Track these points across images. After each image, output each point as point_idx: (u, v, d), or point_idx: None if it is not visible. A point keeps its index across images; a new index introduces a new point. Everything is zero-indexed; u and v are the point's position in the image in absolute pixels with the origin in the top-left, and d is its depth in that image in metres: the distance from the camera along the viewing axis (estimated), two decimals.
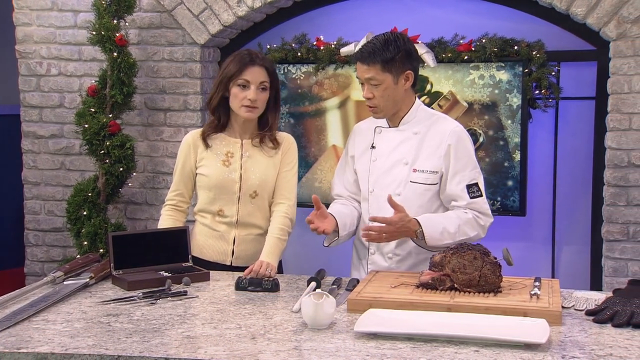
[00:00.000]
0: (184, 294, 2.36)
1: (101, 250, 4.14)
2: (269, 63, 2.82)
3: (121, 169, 4.26)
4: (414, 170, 2.66)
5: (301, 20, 4.61)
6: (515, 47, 4.13)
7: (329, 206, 2.80)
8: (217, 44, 4.62)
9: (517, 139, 4.18)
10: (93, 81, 4.39)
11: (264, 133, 2.84)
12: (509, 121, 4.19)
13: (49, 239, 4.77)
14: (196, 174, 2.86)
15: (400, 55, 2.58)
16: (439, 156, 2.64)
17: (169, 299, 2.31)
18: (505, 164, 4.23)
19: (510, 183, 4.23)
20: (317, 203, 2.57)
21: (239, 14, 4.38)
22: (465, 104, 4.26)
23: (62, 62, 4.66)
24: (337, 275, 2.56)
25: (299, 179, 3.46)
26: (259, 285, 2.41)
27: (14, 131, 4.87)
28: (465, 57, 4.19)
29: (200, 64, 4.50)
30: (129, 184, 4.51)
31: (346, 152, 2.87)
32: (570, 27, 4.19)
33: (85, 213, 4.29)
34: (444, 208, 2.70)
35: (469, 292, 2.22)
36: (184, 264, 2.66)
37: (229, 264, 2.83)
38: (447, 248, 2.33)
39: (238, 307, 2.22)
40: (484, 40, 4.17)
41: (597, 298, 2.25)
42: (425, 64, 3.99)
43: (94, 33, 4.23)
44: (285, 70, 4.51)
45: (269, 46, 4.51)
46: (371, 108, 2.67)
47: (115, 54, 4.21)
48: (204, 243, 2.85)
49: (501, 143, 4.22)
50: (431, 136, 2.67)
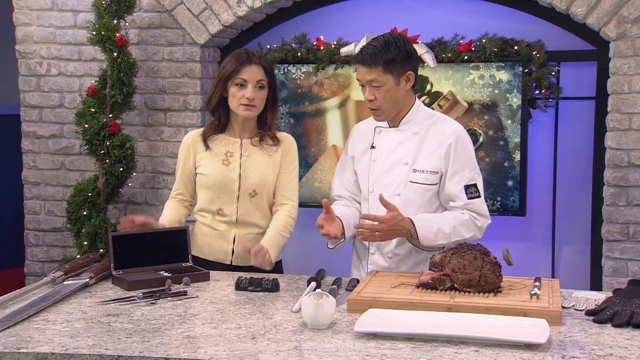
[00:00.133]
0: (184, 294, 2.36)
1: (101, 250, 4.14)
2: (266, 61, 2.82)
3: (121, 169, 4.26)
4: (414, 170, 2.66)
5: (301, 20, 4.61)
6: (515, 47, 4.13)
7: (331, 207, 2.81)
8: (217, 44, 4.62)
9: (517, 139, 4.18)
10: (93, 81, 4.39)
11: (264, 132, 2.84)
12: (509, 121, 4.19)
13: (49, 239, 4.77)
14: (196, 173, 2.86)
15: (401, 57, 2.58)
16: (439, 156, 2.64)
17: (169, 299, 2.31)
18: (505, 164, 4.23)
19: (510, 183, 4.23)
20: (327, 207, 2.57)
21: (239, 14, 4.38)
22: (465, 104, 4.26)
23: (62, 62, 4.66)
24: (337, 275, 2.56)
25: (299, 179, 3.46)
26: (259, 285, 2.41)
27: (14, 131, 4.87)
28: (465, 57, 4.19)
29: (200, 64, 4.50)
30: (129, 184, 4.51)
31: (346, 153, 2.87)
32: (570, 27, 4.19)
33: (85, 213, 4.29)
34: (444, 208, 2.70)
35: (469, 292, 2.22)
36: (184, 264, 2.66)
37: (229, 263, 2.83)
38: (447, 248, 2.33)
39: (238, 307, 2.22)
40: (484, 40, 4.17)
41: (597, 298, 2.25)
42: (425, 64, 4.00)
43: (94, 33, 4.23)
44: (285, 70, 4.51)
45: (269, 46, 4.51)
46: (373, 110, 2.66)
47: (115, 54, 4.21)
48: (204, 242, 2.85)
49: (501, 143, 4.22)
50: (431, 136, 2.67)
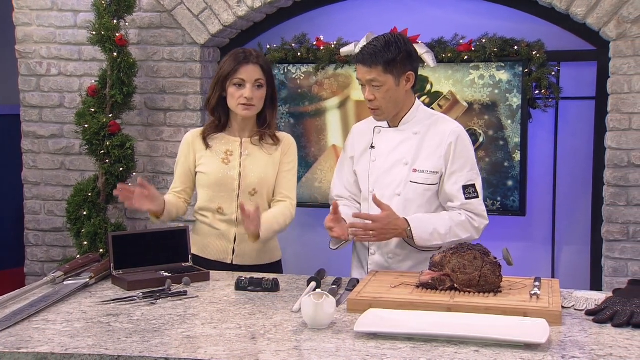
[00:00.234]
0: (184, 294, 2.36)
1: (101, 250, 4.14)
2: (264, 61, 2.82)
3: (121, 169, 4.26)
4: (414, 170, 2.66)
5: (301, 20, 4.61)
6: (515, 47, 4.13)
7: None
8: (217, 44, 4.62)
9: (517, 139, 4.18)
10: (93, 81, 4.39)
11: (263, 131, 2.85)
12: (509, 121, 4.19)
13: (49, 239, 4.77)
14: (196, 172, 2.87)
15: (401, 57, 2.58)
16: (439, 156, 2.64)
17: (169, 299, 2.31)
18: (505, 164, 4.23)
19: (510, 183, 4.23)
20: (336, 209, 2.56)
21: (239, 14, 4.38)
22: (465, 104, 4.26)
23: (62, 62, 4.66)
24: (337, 275, 2.56)
25: (299, 179, 3.46)
26: (259, 285, 2.41)
27: (14, 131, 4.87)
28: (465, 57, 4.19)
29: (200, 64, 4.50)
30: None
31: (345, 153, 2.87)
32: (570, 27, 4.19)
33: (85, 213, 4.29)
34: (444, 208, 2.70)
35: (469, 292, 2.22)
36: (184, 264, 2.66)
37: (229, 262, 2.84)
38: (447, 248, 2.33)
39: (238, 307, 2.22)
40: (484, 40, 4.17)
41: (597, 298, 2.25)
42: (425, 64, 4.00)
43: (94, 33, 4.23)
44: (285, 70, 4.51)
45: (269, 46, 4.51)
46: (373, 110, 2.66)
47: (115, 54, 4.21)
48: (204, 241, 2.86)
49: (501, 143, 4.22)
50: (431, 136, 2.67)
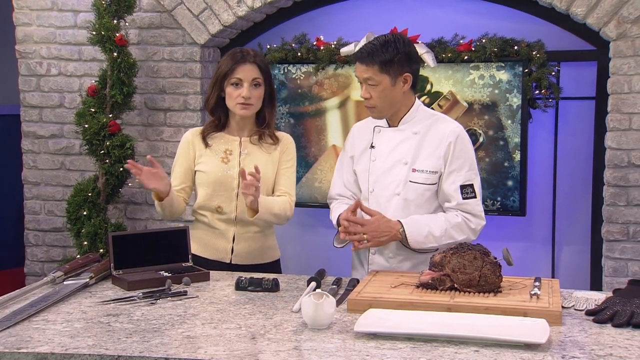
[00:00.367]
0: (184, 294, 2.36)
1: (101, 250, 4.14)
2: (261, 60, 2.83)
3: (121, 169, 4.26)
4: (414, 170, 2.66)
5: (301, 20, 4.61)
6: (515, 47, 4.13)
7: (332, 206, 2.81)
8: (217, 44, 4.62)
9: (517, 139, 4.18)
10: (93, 81, 4.39)
11: (262, 130, 2.85)
12: (509, 121, 4.19)
13: (49, 239, 4.77)
14: (195, 171, 2.87)
15: (399, 58, 2.58)
16: (438, 156, 2.64)
17: (169, 299, 2.31)
18: (505, 164, 4.23)
19: (510, 183, 4.23)
20: (356, 207, 2.60)
21: (239, 14, 4.38)
22: (465, 104, 4.26)
23: (62, 62, 4.66)
24: (337, 275, 2.56)
25: (299, 179, 3.46)
26: (259, 285, 2.41)
27: (14, 131, 4.87)
28: (465, 57, 4.19)
29: (200, 64, 4.50)
30: (129, 184, 4.51)
31: (345, 152, 2.87)
32: (570, 27, 4.19)
33: (85, 213, 4.29)
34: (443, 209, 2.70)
35: (469, 292, 2.22)
36: (184, 264, 2.65)
37: (228, 261, 2.84)
38: (448, 248, 2.33)
39: (238, 307, 2.22)
40: (484, 40, 4.17)
41: (597, 298, 2.25)
42: (425, 64, 4.00)
43: (94, 33, 4.23)
44: (285, 70, 4.51)
45: (269, 46, 4.51)
46: (369, 108, 2.68)
47: (115, 54, 4.21)
48: (203, 241, 2.86)
49: (501, 143, 4.22)
50: (431, 136, 2.67)
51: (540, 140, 4.37)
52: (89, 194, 4.30)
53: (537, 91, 4.16)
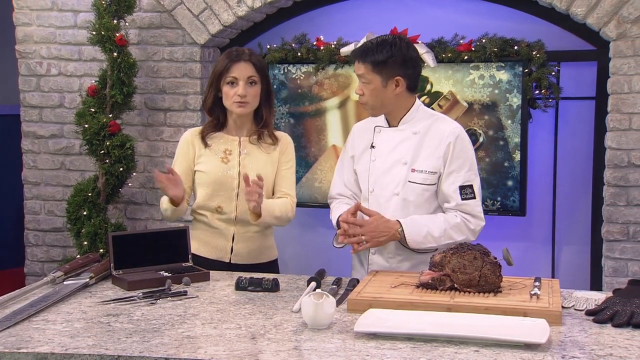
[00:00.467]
0: (184, 294, 2.36)
1: (101, 250, 4.14)
2: (256, 58, 2.84)
3: (121, 169, 4.26)
4: (413, 170, 2.66)
5: (301, 20, 4.61)
6: (515, 47, 4.13)
7: (333, 206, 2.81)
8: (217, 44, 4.62)
9: (517, 139, 4.18)
10: (93, 81, 4.39)
11: (261, 130, 2.86)
12: (509, 121, 4.19)
13: (49, 239, 4.77)
14: (194, 171, 2.87)
15: (392, 60, 2.59)
16: (438, 157, 2.64)
17: (169, 299, 2.31)
18: (505, 164, 4.23)
19: (510, 183, 4.23)
20: (356, 210, 2.61)
21: (239, 14, 4.38)
22: (465, 104, 4.26)
23: (62, 62, 4.66)
24: (337, 275, 2.56)
25: (299, 179, 3.46)
26: (259, 285, 2.41)
27: (14, 131, 4.87)
28: (465, 57, 4.19)
29: (200, 64, 4.50)
30: (129, 184, 4.51)
31: (345, 152, 2.87)
32: (570, 27, 4.19)
33: (85, 213, 4.29)
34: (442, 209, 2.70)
35: (469, 292, 2.22)
36: (184, 264, 2.65)
37: (227, 261, 2.84)
38: (448, 248, 2.33)
39: (238, 307, 2.22)
40: (484, 40, 4.17)
41: (597, 298, 2.24)
42: (425, 64, 3.99)
43: (94, 33, 4.23)
44: (285, 70, 4.51)
45: (269, 46, 4.51)
46: (362, 104, 2.71)
47: (115, 54, 4.22)
48: (203, 240, 2.86)
49: (501, 143, 4.22)
50: (431, 136, 2.67)
51: (540, 140, 4.37)
52: (89, 194, 4.30)
53: (537, 91, 4.16)
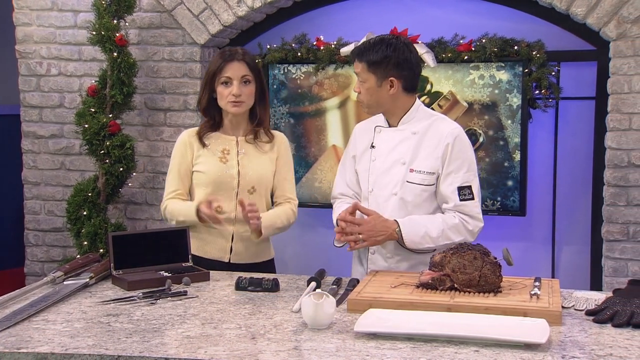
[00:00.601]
0: (184, 294, 2.36)
1: (101, 250, 4.14)
2: (250, 57, 2.85)
3: (121, 169, 4.26)
4: (411, 170, 2.66)
5: (301, 20, 4.61)
6: (515, 47, 4.13)
7: (335, 205, 2.82)
8: (217, 44, 4.62)
9: (517, 139, 4.18)
10: (93, 81, 4.39)
11: (257, 129, 2.87)
12: (509, 121, 4.19)
13: (49, 239, 4.77)
14: (193, 172, 2.87)
15: (387, 61, 2.59)
16: (437, 157, 2.64)
17: (169, 299, 2.31)
18: (505, 164, 4.23)
19: (510, 183, 4.23)
20: (354, 209, 2.62)
21: (239, 14, 4.38)
22: (465, 104, 4.26)
23: (62, 62, 4.66)
24: (337, 275, 2.56)
25: (299, 179, 3.46)
26: (259, 285, 2.41)
27: (14, 131, 4.87)
28: (465, 57, 4.19)
29: (200, 64, 4.50)
30: (129, 184, 4.51)
31: (347, 152, 2.88)
32: (570, 27, 4.19)
33: (85, 213, 4.29)
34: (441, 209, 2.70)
35: (469, 292, 2.22)
36: (184, 264, 2.66)
37: (227, 261, 2.85)
38: (448, 248, 2.33)
39: (238, 307, 2.22)
40: (484, 40, 4.17)
41: (597, 298, 2.25)
42: (425, 64, 4.00)
43: (94, 33, 4.23)
44: (285, 70, 4.51)
45: (269, 46, 4.51)
46: (359, 101, 2.73)
47: (115, 54, 4.22)
48: (202, 240, 2.86)
49: (501, 143, 4.22)
50: (430, 137, 2.67)
51: (540, 140, 4.37)
52: (89, 194, 4.30)
53: (537, 91, 4.16)
